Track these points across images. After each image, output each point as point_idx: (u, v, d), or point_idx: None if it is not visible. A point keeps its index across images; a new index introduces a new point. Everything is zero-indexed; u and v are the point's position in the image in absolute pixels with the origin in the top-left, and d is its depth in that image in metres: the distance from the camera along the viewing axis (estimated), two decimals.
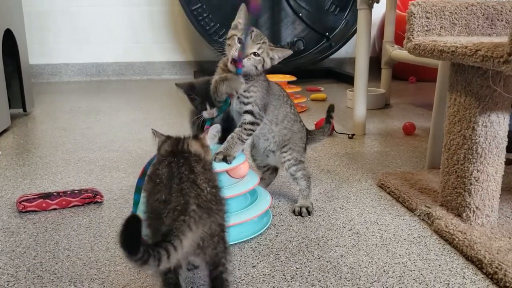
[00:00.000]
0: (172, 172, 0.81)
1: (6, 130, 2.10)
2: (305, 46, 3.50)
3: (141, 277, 0.95)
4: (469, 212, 1.12)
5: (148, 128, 2.17)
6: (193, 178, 0.80)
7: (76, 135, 2.05)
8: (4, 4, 2.10)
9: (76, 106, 2.68)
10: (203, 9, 3.29)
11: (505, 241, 1.04)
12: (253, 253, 1.05)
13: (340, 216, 1.24)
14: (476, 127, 1.07)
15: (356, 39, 2.03)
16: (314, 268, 0.99)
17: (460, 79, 1.11)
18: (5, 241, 1.10)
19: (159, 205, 0.77)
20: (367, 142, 1.94)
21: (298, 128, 1.29)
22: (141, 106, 2.69)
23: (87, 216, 1.24)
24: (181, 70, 3.81)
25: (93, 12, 3.57)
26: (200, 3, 3.28)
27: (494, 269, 0.94)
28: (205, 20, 3.31)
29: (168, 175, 0.80)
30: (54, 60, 3.60)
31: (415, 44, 1.19)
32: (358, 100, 2.03)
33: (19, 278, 0.95)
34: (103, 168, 1.62)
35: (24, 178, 1.52)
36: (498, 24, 1.25)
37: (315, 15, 3.48)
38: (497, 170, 1.10)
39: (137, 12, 3.63)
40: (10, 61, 2.22)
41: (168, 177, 0.80)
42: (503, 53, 0.89)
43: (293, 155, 1.26)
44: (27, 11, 2.61)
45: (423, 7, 1.22)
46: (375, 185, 1.47)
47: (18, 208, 1.25)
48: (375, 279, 0.95)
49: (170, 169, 0.81)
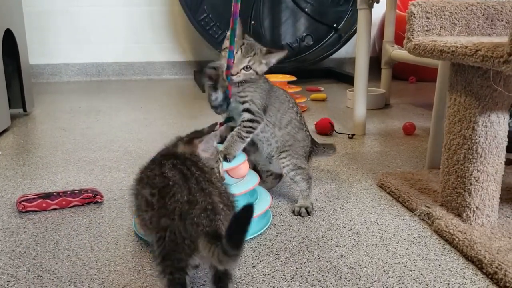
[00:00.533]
0: (184, 174, 0.80)
1: (6, 130, 2.10)
2: (314, 40, 3.51)
3: (141, 277, 0.95)
4: (469, 212, 1.12)
5: (148, 128, 2.17)
6: (208, 177, 0.80)
7: (76, 135, 2.05)
8: (4, 4, 2.10)
9: (76, 106, 2.68)
10: (209, 18, 3.32)
11: (505, 241, 1.04)
12: (253, 253, 1.05)
13: (340, 216, 1.24)
14: (476, 127, 1.07)
15: (356, 39, 2.03)
16: (314, 268, 0.99)
17: (460, 79, 1.11)
18: (5, 241, 1.10)
19: (182, 205, 0.76)
20: (367, 142, 1.94)
21: (302, 136, 1.30)
22: (141, 106, 2.69)
23: (87, 216, 1.24)
24: (181, 70, 3.81)
25: (93, 12, 3.57)
26: (206, 13, 3.30)
27: (494, 269, 0.94)
28: (213, 28, 3.34)
29: (180, 176, 0.80)
30: (54, 60, 3.60)
31: (415, 44, 1.19)
32: (358, 100, 2.03)
33: (19, 278, 0.95)
34: (103, 168, 1.62)
35: (24, 178, 1.52)
36: (498, 24, 1.25)
37: (321, 9, 3.49)
38: (497, 170, 1.10)
39: (137, 12, 3.63)
40: (10, 61, 2.22)
41: (182, 179, 0.79)
42: (503, 53, 0.89)
43: (292, 161, 1.26)
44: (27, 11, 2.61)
45: (423, 7, 1.22)
46: (375, 185, 1.47)
47: (18, 208, 1.25)
48: (375, 279, 0.95)
49: (180, 171, 0.81)
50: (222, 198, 0.78)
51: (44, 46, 3.53)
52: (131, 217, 1.22)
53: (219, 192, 0.79)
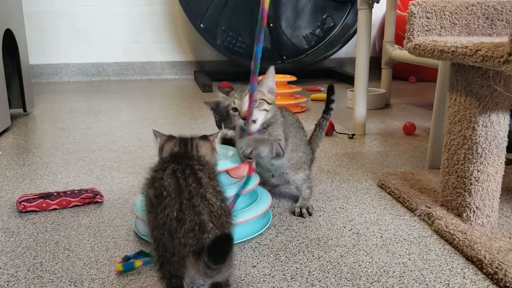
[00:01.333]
0: (179, 184, 0.79)
1: (6, 130, 2.10)
2: (334, 21, 3.54)
3: (141, 277, 0.95)
4: (469, 212, 1.11)
5: (148, 128, 2.17)
6: (202, 192, 0.78)
7: (76, 135, 2.05)
8: (4, 4, 2.10)
9: (76, 106, 2.68)
10: (230, 36, 3.35)
11: (506, 241, 1.04)
12: (253, 253, 1.05)
13: (340, 216, 1.24)
14: (476, 127, 1.07)
15: (357, 39, 2.03)
16: (314, 268, 0.99)
17: (460, 79, 1.11)
18: (5, 241, 1.10)
19: (171, 222, 0.75)
20: (367, 142, 1.94)
21: (309, 149, 1.34)
22: (141, 106, 2.69)
23: (87, 216, 1.24)
24: (181, 70, 3.81)
25: (93, 12, 3.57)
26: (225, 33, 3.33)
27: (494, 269, 0.94)
28: (237, 45, 3.38)
29: (175, 187, 0.78)
30: (54, 60, 3.60)
31: (415, 44, 1.19)
32: (358, 100, 2.03)
33: (19, 278, 0.95)
34: (103, 168, 1.61)
35: (24, 178, 1.52)
36: (499, 24, 1.25)
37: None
38: (497, 170, 1.10)
39: (137, 12, 3.64)
40: (10, 61, 2.22)
41: (175, 190, 0.78)
42: (503, 53, 0.88)
43: (305, 173, 1.29)
44: (27, 11, 2.61)
45: (423, 7, 1.21)
46: (375, 185, 1.47)
47: (18, 208, 1.25)
48: (375, 279, 0.95)
49: (176, 180, 0.79)
50: (212, 217, 0.76)
51: (44, 46, 3.53)
52: (131, 217, 1.22)
53: (210, 211, 0.77)
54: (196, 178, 0.80)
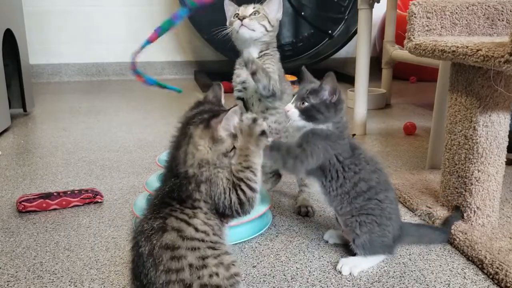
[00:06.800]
0: (147, 251, 0.71)
1: (6, 130, 2.10)
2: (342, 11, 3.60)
3: None
4: (470, 212, 1.11)
5: (148, 128, 2.17)
6: (167, 267, 0.69)
7: (76, 135, 2.05)
8: (4, 4, 2.10)
9: (76, 106, 2.67)
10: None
11: (506, 242, 1.04)
12: (254, 253, 1.05)
13: None
14: (477, 127, 1.07)
15: (357, 39, 2.03)
16: (314, 268, 0.99)
17: (461, 79, 1.11)
18: (5, 241, 1.10)
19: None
20: (367, 142, 1.94)
21: None
22: (141, 106, 2.69)
23: (87, 216, 1.24)
24: (181, 70, 3.81)
25: (93, 12, 3.57)
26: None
27: (495, 270, 0.94)
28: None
29: (141, 254, 0.71)
30: (54, 60, 3.60)
31: (416, 44, 1.19)
32: (359, 100, 2.03)
33: (19, 278, 0.95)
34: (103, 168, 1.61)
35: (24, 178, 1.52)
36: (499, 24, 1.25)
37: None
38: (498, 170, 1.09)
39: (137, 12, 3.63)
40: (10, 61, 2.22)
41: (140, 258, 0.72)
42: (504, 53, 0.88)
43: None
44: (27, 11, 2.60)
45: (424, 7, 1.21)
46: None
47: (18, 208, 1.25)
48: (376, 279, 0.95)
49: (144, 246, 0.71)
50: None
51: (44, 46, 3.53)
52: (131, 217, 1.22)
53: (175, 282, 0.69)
54: (169, 241, 0.71)
